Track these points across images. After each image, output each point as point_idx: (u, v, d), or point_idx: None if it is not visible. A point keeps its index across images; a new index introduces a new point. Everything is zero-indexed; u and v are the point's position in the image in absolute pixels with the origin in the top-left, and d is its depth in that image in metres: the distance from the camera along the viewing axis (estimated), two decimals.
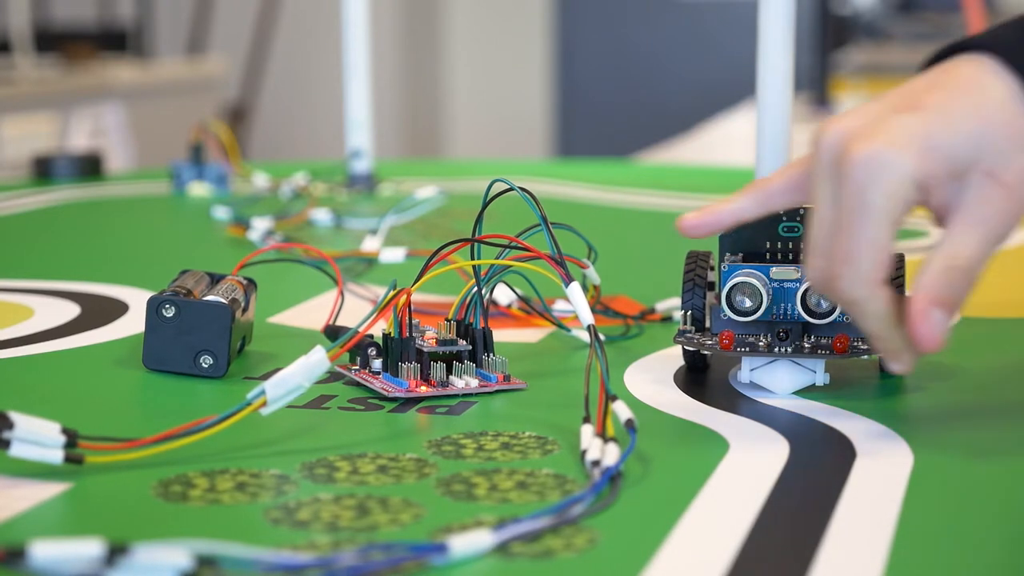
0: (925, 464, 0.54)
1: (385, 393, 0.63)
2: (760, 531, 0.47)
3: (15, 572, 0.43)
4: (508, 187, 0.63)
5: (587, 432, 0.55)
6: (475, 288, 0.65)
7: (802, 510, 0.51)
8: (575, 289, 0.59)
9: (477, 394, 0.64)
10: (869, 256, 0.55)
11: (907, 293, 0.55)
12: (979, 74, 0.57)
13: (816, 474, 0.54)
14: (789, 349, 0.63)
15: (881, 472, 0.53)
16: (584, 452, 0.54)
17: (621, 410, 0.55)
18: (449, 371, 0.64)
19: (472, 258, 0.64)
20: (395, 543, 0.45)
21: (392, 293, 0.63)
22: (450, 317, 0.66)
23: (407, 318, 0.63)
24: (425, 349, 0.64)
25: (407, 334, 0.64)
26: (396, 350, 0.64)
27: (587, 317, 0.58)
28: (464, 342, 0.65)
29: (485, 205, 0.64)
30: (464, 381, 0.64)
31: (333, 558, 0.44)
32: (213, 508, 0.50)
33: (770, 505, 0.50)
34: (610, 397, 0.55)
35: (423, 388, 0.63)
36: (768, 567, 0.45)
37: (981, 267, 0.55)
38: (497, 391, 0.64)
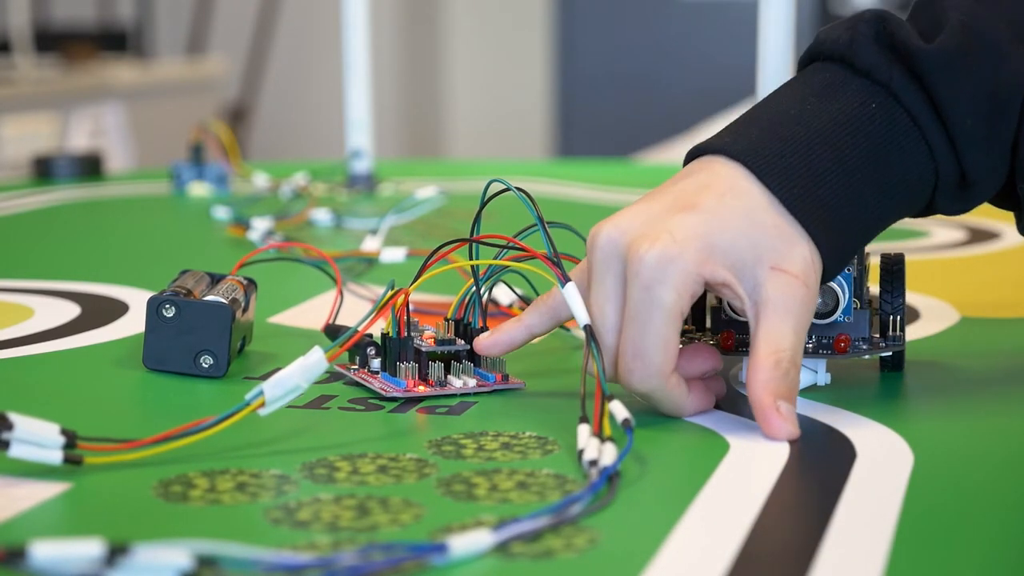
0: (925, 464, 0.54)
1: (383, 393, 0.63)
2: (760, 531, 0.47)
3: (15, 572, 0.43)
4: (505, 187, 0.63)
5: (584, 432, 0.55)
6: (473, 288, 0.65)
7: (802, 510, 0.51)
8: (571, 290, 0.59)
9: (475, 393, 0.64)
10: (660, 350, 0.57)
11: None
12: (739, 180, 0.59)
13: (816, 474, 0.54)
14: None
15: (881, 472, 0.53)
16: (581, 452, 0.54)
17: (618, 410, 0.55)
18: (447, 371, 0.64)
19: (470, 258, 0.64)
20: (395, 543, 0.45)
21: (390, 293, 0.63)
22: (449, 317, 0.66)
23: (405, 318, 0.64)
24: (423, 349, 0.64)
25: (405, 334, 0.64)
26: (394, 350, 0.64)
27: (583, 317, 0.58)
28: (462, 342, 0.65)
29: (483, 205, 0.64)
30: (462, 381, 0.64)
31: (333, 558, 0.44)
32: (213, 508, 0.50)
33: (770, 505, 0.50)
34: (606, 397, 0.55)
35: (421, 388, 0.63)
36: (768, 567, 0.45)
37: (800, 354, 0.58)
38: (495, 390, 0.64)
